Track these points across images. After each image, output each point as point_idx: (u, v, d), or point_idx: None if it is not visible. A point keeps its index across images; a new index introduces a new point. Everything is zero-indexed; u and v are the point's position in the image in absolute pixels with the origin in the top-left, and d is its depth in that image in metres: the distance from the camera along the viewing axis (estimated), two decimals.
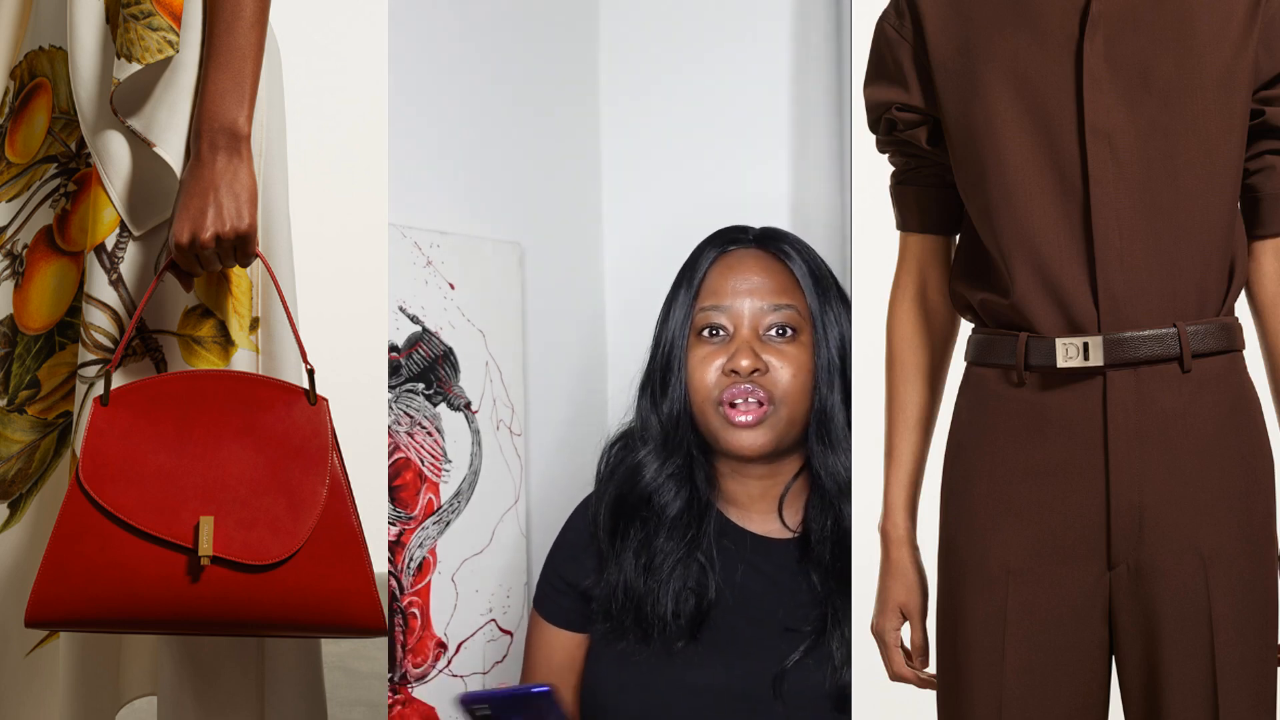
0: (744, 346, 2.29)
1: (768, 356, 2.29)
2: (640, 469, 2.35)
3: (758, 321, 2.31)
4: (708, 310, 2.33)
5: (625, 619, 2.31)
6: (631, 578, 2.31)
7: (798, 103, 2.76)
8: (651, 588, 2.29)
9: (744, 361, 2.28)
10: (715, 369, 2.30)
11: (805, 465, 2.36)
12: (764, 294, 2.32)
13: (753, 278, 2.33)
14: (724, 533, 2.35)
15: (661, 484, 2.34)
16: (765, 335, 2.31)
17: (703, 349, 2.32)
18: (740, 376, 2.28)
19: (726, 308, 2.32)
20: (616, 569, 2.33)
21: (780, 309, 2.31)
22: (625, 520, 2.35)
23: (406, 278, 2.44)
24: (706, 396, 2.30)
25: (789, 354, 2.30)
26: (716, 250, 2.38)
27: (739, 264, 2.35)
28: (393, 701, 2.43)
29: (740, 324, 2.31)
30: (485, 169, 2.64)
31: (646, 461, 2.35)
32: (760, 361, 2.28)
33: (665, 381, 2.34)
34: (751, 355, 2.28)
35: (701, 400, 2.31)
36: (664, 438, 2.34)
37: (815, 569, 2.30)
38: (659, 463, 2.34)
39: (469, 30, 2.61)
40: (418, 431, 2.45)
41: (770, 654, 2.27)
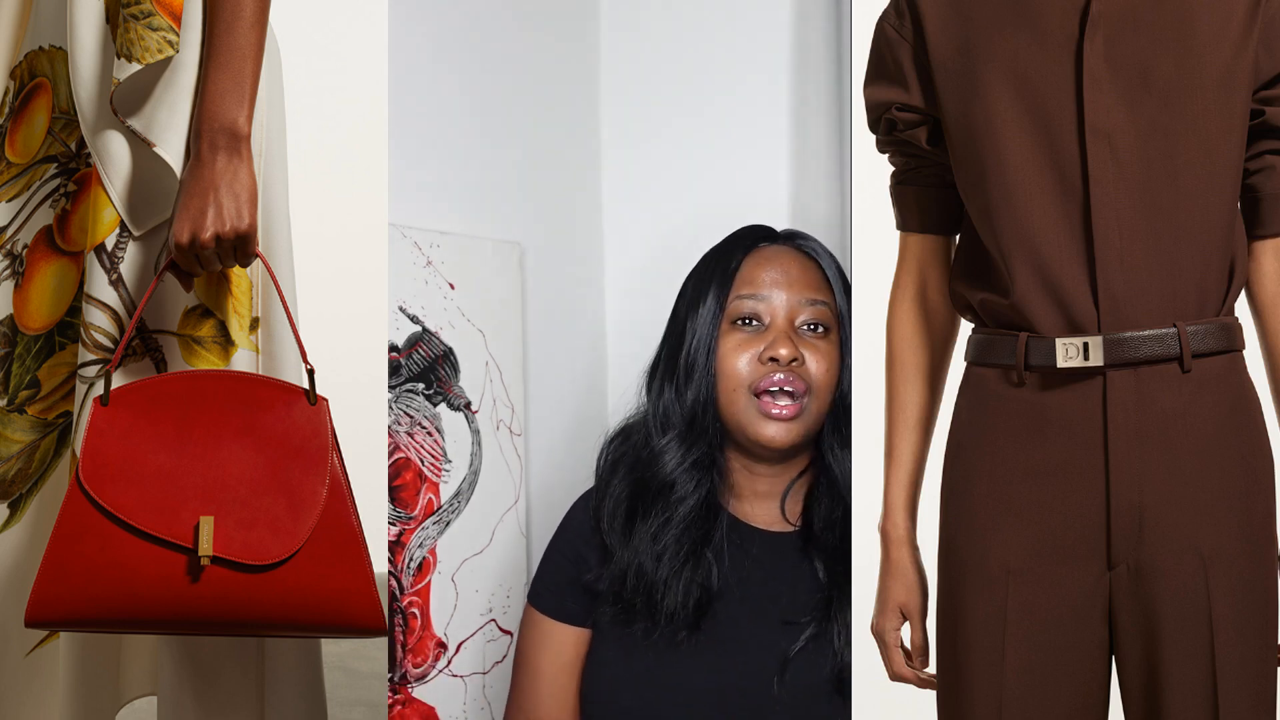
0: (782, 335, 2.30)
1: (803, 349, 2.30)
2: (660, 456, 2.34)
3: (794, 313, 2.32)
4: (744, 299, 2.33)
5: (636, 601, 2.31)
6: (646, 562, 2.31)
7: (798, 103, 2.76)
8: (663, 575, 2.30)
9: (784, 350, 2.28)
10: (749, 357, 2.30)
11: (811, 463, 2.37)
12: (800, 288, 2.34)
13: (791, 269, 2.35)
14: (731, 529, 2.35)
15: (684, 473, 2.33)
16: (800, 328, 2.32)
17: (736, 337, 2.32)
18: (779, 365, 2.28)
19: (765, 297, 2.33)
20: (630, 553, 2.33)
21: (815, 304, 2.33)
22: (643, 506, 2.34)
23: (406, 278, 2.44)
24: (738, 385, 2.30)
25: (822, 349, 2.32)
26: (749, 244, 2.39)
27: (775, 258, 2.36)
28: (393, 701, 2.43)
29: (777, 315, 2.32)
30: (485, 169, 2.64)
31: (668, 449, 2.34)
32: (798, 351, 2.29)
33: (691, 370, 2.34)
34: (790, 344, 2.29)
35: (733, 389, 2.31)
36: (687, 426, 2.34)
37: (820, 556, 2.30)
38: (681, 451, 2.34)
39: (469, 30, 2.61)
40: (418, 431, 2.45)
41: (771, 646, 2.27)
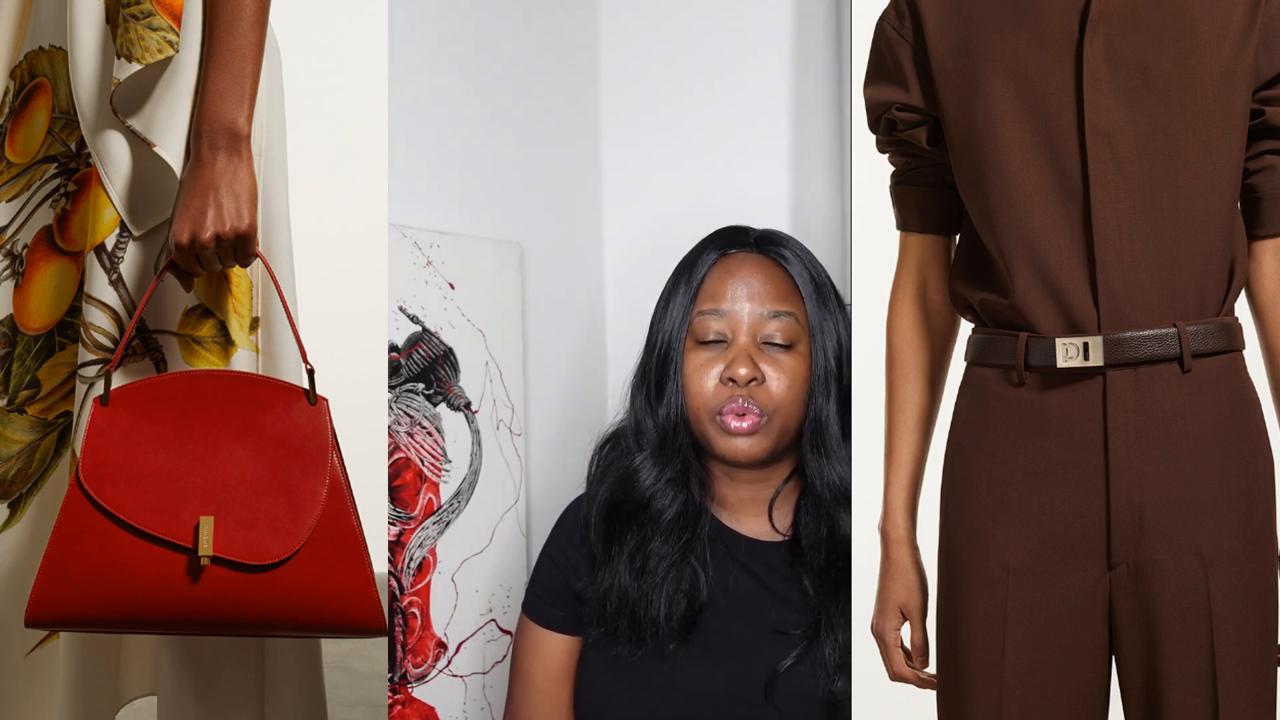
0: (741, 354, 2.27)
1: (764, 366, 2.27)
2: (637, 474, 2.33)
3: (756, 329, 2.29)
4: (706, 315, 2.30)
5: (619, 624, 2.30)
6: (625, 582, 2.30)
7: (798, 103, 2.76)
8: (644, 590, 2.28)
9: (741, 370, 2.25)
10: (713, 377, 2.28)
11: (795, 470, 2.35)
12: (764, 300, 2.30)
13: (753, 281, 2.31)
14: (716, 535, 2.34)
15: (660, 489, 2.32)
16: (763, 344, 2.29)
17: (700, 355, 2.30)
18: (737, 386, 2.26)
19: (725, 312, 2.30)
20: (611, 573, 2.32)
21: (780, 316, 2.29)
22: (621, 524, 2.33)
23: (406, 278, 2.44)
24: (703, 404, 2.28)
25: (785, 364, 2.28)
26: (717, 252, 2.35)
27: (739, 267, 2.33)
28: (393, 701, 2.43)
29: (739, 330, 2.29)
30: (485, 169, 2.64)
31: (643, 466, 2.33)
32: (757, 370, 2.26)
33: (661, 385, 2.32)
34: (749, 363, 2.26)
35: (698, 408, 2.29)
36: (661, 443, 2.33)
37: (808, 574, 2.29)
38: (657, 468, 2.32)
39: (469, 30, 2.61)
40: (418, 431, 2.45)
41: (761, 656, 2.26)
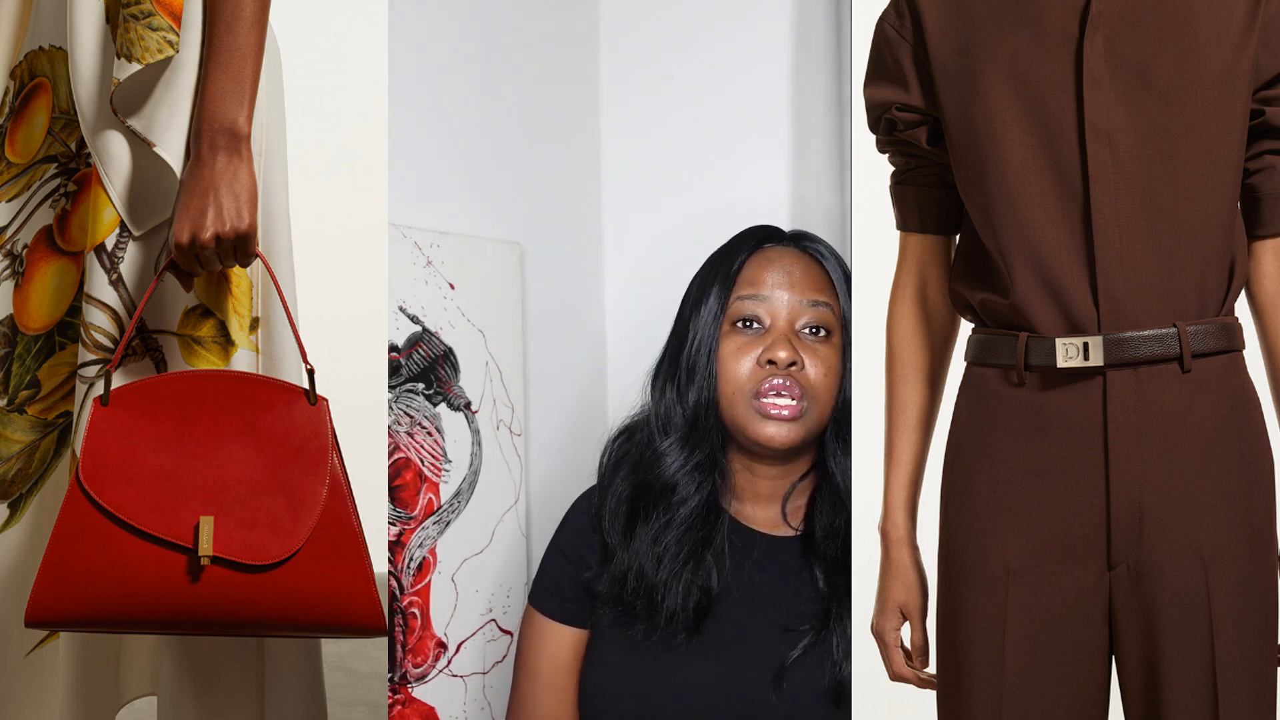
0: (781, 339, 2.30)
1: (802, 352, 2.30)
2: (662, 459, 2.34)
3: (795, 316, 2.32)
4: (745, 300, 2.33)
5: (636, 604, 2.30)
6: (646, 564, 2.31)
7: (798, 103, 2.76)
8: (663, 577, 2.29)
9: (782, 353, 2.28)
10: (750, 360, 2.30)
11: (813, 466, 2.37)
12: (803, 289, 2.33)
13: (793, 271, 2.34)
14: (732, 529, 2.35)
15: (685, 475, 2.33)
16: (800, 332, 2.32)
17: (737, 339, 2.32)
18: (777, 368, 2.27)
19: (765, 298, 2.32)
20: (630, 555, 2.32)
21: (817, 306, 2.32)
22: (645, 507, 2.34)
23: (406, 278, 2.44)
24: (739, 388, 2.30)
25: (822, 353, 2.31)
26: (753, 244, 2.38)
27: (778, 259, 2.36)
28: (393, 701, 2.43)
29: (778, 317, 2.32)
30: (485, 169, 2.64)
31: (669, 451, 2.34)
32: (797, 355, 2.29)
33: (692, 371, 2.34)
34: (789, 348, 2.28)
35: (733, 391, 2.31)
36: (690, 428, 2.34)
37: (820, 564, 2.30)
38: (684, 453, 2.34)
39: (469, 30, 2.61)
40: (418, 431, 2.45)
41: (770, 651, 2.27)
